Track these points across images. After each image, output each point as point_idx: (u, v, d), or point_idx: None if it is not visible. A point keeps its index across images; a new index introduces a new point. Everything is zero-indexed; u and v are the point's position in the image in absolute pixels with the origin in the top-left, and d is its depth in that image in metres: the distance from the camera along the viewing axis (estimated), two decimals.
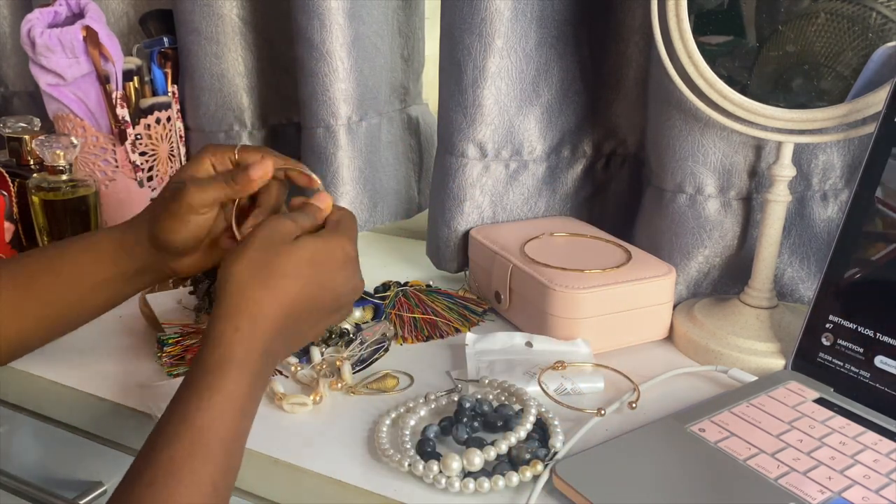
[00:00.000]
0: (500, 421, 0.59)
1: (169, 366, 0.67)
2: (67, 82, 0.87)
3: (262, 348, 0.51)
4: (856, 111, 0.64)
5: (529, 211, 0.86)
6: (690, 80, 0.68)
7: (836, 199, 0.77)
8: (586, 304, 0.70)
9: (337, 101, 0.87)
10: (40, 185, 0.83)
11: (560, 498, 0.53)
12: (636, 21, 0.82)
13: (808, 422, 0.58)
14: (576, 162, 0.88)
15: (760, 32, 0.69)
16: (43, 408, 0.70)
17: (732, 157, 0.74)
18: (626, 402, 0.63)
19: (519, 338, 0.71)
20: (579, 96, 0.85)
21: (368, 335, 0.71)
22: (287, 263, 0.52)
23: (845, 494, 0.51)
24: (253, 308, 0.51)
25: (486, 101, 0.80)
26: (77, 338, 0.73)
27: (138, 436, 0.64)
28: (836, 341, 0.63)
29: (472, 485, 0.53)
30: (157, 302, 0.76)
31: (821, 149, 0.75)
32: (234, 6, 0.93)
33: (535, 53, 0.80)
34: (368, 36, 0.89)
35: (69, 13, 0.89)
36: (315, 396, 0.63)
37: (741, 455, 0.54)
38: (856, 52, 0.65)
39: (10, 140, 0.97)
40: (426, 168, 1.01)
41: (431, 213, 0.88)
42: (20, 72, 1.16)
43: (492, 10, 0.77)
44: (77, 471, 0.73)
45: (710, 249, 0.76)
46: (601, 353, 0.71)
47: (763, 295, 0.72)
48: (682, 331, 0.73)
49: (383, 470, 0.56)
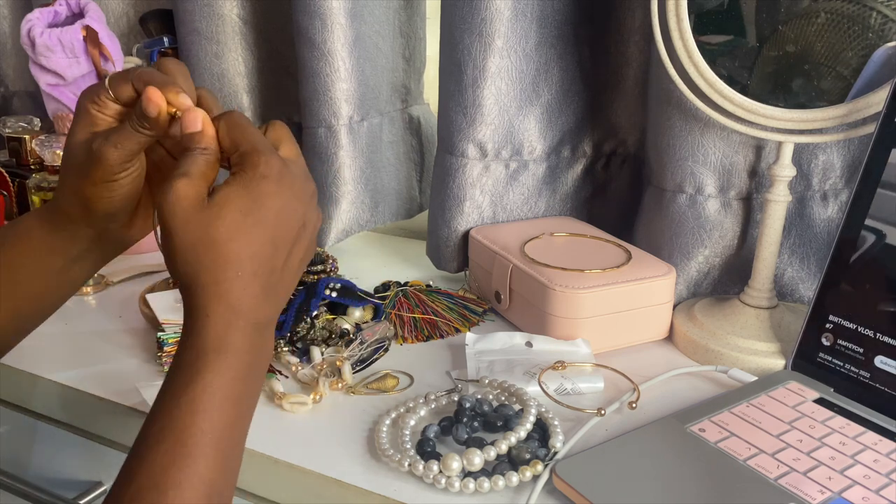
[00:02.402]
0: (500, 421, 0.59)
1: (168, 366, 0.67)
2: (67, 82, 0.87)
3: (242, 323, 0.46)
4: (856, 111, 0.64)
5: (529, 211, 0.86)
6: (690, 80, 0.68)
7: (836, 199, 0.77)
8: (586, 304, 0.70)
9: (338, 100, 0.87)
10: (40, 185, 0.83)
11: (560, 498, 0.53)
12: (636, 21, 0.82)
13: (808, 422, 0.58)
14: (576, 162, 0.88)
15: (760, 32, 0.69)
16: (43, 408, 0.70)
17: (732, 157, 0.74)
18: (626, 402, 0.63)
19: (519, 338, 0.71)
20: (579, 96, 0.85)
21: (368, 335, 0.71)
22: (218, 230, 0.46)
23: (845, 494, 0.51)
24: (211, 290, 0.46)
25: (486, 101, 0.80)
26: (77, 338, 0.73)
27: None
28: (836, 341, 0.63)
29: (472, 485, 0.53)
30: (157, 302, 0.76)
31: (821, 149, 0.75)
32: (234, 6, 0.93)
33: (535, 53, 0.80)
34: (370, 36, 0.89)
35: (69, 13, 0.89)
36: (315, 396, 0.63)
37: (741, 455, 0.54)
38: (856, 52, 0.65)
39: (10, 140, 0.97)
40: (427, 168, 1.01)
41: (431, 213, 0.88)
42: (20, 72, 1.16)
43: (492, 10, 0.77)
44: (77, 471, 0.73)
45: (710, 249, 0.76)
46: (601, 353, 0.71)
47: (763, 295, 0.72)
48: (682, 331, 0.73)
49: (383, 470, 0.56)
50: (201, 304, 0.46)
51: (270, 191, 0.47)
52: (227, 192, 0.47)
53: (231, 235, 0.46)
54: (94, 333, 0.74)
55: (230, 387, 0.46)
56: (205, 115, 0.49)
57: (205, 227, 0.46)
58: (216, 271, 0.46)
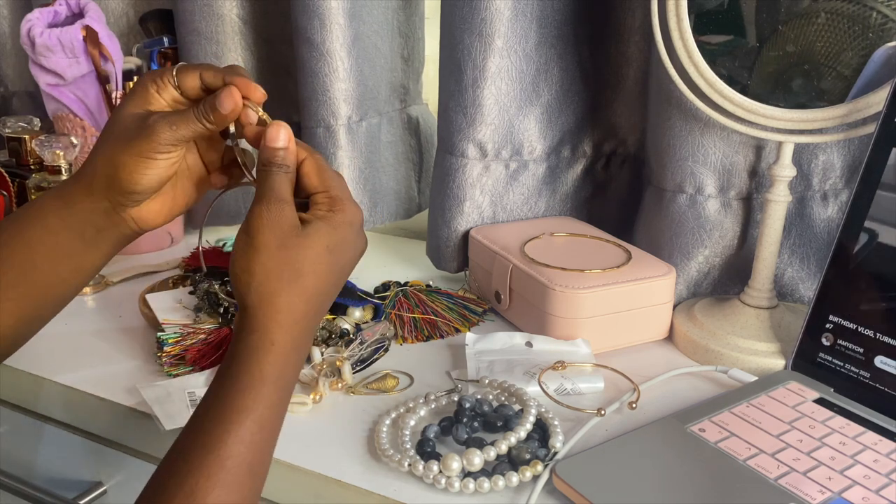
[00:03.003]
0: (500, 421, 0.59)
1: (169, 366, 0.67)
2: (67, 82, 0.87)
3: (294, 356, 0.48)
4: (856, 111, 0.64)
5: (529, 211, 0.86)
6: (690, 80, 0.68)
7: (836, 199, 0.77)
8: (586, 304, 0.70)
9: (337, 100, 0.87)
10: (40, 185, 0.83)
11: (560, 498, 0.53)
12: (636, 21, 0.82)
13: (808, 422, 0.58)
14: (576, 162, 0.88)
15: (760, 32, 0.69)
16: (43, 408, 0.70)
17: (732, 157, 0.74)
18: (626, 402, 0.63)
19: (519, 338, 0.71)
20: (579, 96, 0.85)
21: (368, 335, 0.71)
22: (305, 260, 0.48)
23: (845, 495, 0.51)
24: (283, 317, 0.47)
25: (486, 101, 0.80)
26: (77, 338, 0.73)
27: (138, 436, 0.64)
28: (836, 341, 0.63)
29: (472, 485, 0.53)
30: (157, 302, 0.76)
31: (821, 149, 0.75)
32: (234, 6, 0.93)
33: (535, 53, 0.80)
34: (369, 36, 0.89)
35: (69, 13, 0.89)
36: (315, 396, 0.63)
37: (741, 455, 0.54)
38: (856, 52, 0.65)
39: (10, 140, 0.97)
40: (426, 168, 1.01)
41: (431, 213, 0.88)
42: (20, 72, 1.16)
43: (492, 10, 0.77)
44: (77, 471, 0.72)
45: (710, 249, 0.76)
46: (601, 353, 0.71)
47: (763, 295, 0.72)
48: (683, 331, 0.73)
49: (383, 470, 0.56)
50: (269, 330, 0.47)
51: (350, 239, 0.50)
52: (319, 227, 0.49)
53: (314, 269, 0.48)
54: (94, 333, 0.74)
55: (277, 412, 0.47)
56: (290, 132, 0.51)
57: (294, 255, 0.48)
58: (293, 301, 0.47)
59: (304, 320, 0.48)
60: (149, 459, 0.66)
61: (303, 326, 0.48)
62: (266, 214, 0.48)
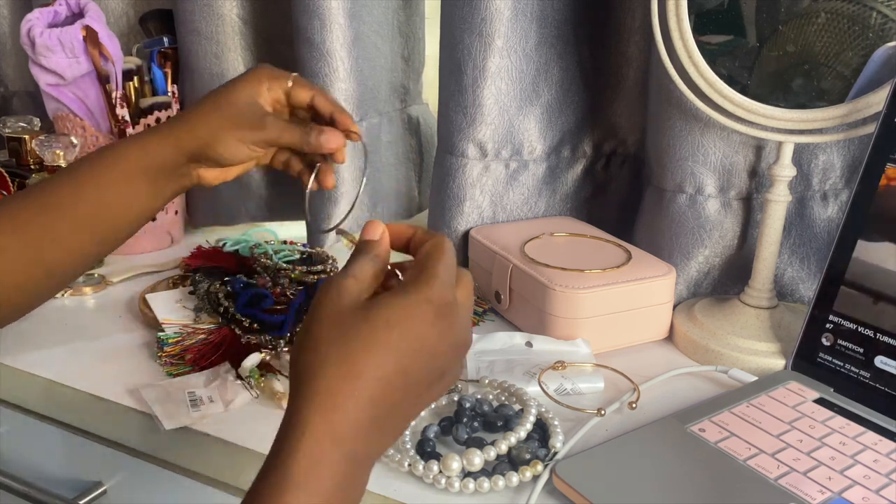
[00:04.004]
0: (500, 421, 0.59)
1: (168, 366, 0.67)
2: (67, 82, 0.87)
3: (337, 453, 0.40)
4: (856, 111, 0.64)
5: (529, 211, 0.86)
6: (690, 80, 0.68)
7: (836, 199, 0.77)
8: (586, 304, 0.70)
9: (337, 100, 0.87)
10: None
11: (560, 498, 0.53)
12: (636, 21, 0.82)
13: (808, 422, 0.58)
14: (576, 162, 0.88)
15: (760, 32, 0.69)
16: (43, 408, 0.70)
17: (732, 157, 0.74)
18: (626, 402, 0.63)
19: (519, 338, 0.71)
20: (579, 96, 0.85)
21: None
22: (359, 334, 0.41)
23: (845, 495, 0.51)
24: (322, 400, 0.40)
25: (486, 101, 0.80)
26: (77, 338, 0.73)
27: (138, 436, 0.64)
28: (836, 341, 0.63)
29: (472, 485, 0.53)
30: (157, 302, 0.76)
31: (821, 149, 0.75)
32: (234, 6, 0.93)
33: (535, 53, 0.80)
34: (369, 36, 0.89)
35: (69, 13, 0.89)
36: None
37: (741, 455, 0.54)
38: (856, 52, 0.65)
39: (10, 140, 0.97)
40: (427, 168, 1.01)
41: (431, 212, 0.88)
42: (20, 72, 1.16)
43: (492, 9, 0.77)
44: (77, 471, 0.72)
45: (710, 249, 0.76)
46: (601, 353, 0.71)
47: (763, 295, 0.72)
48: (683, 331, 0.73)
49: (383, 470, 0.56)
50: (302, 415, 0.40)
51: (427, 319, 0.42)
52: (383, 298, 0.43)
53: (367, 346, 0.41)
54: (95, 333, 0.74)
55: None
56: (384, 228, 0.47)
57: (347, 326, 0.42)
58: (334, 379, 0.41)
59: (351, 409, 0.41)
60: (149, 459, 0.66)
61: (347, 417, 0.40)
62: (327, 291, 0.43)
